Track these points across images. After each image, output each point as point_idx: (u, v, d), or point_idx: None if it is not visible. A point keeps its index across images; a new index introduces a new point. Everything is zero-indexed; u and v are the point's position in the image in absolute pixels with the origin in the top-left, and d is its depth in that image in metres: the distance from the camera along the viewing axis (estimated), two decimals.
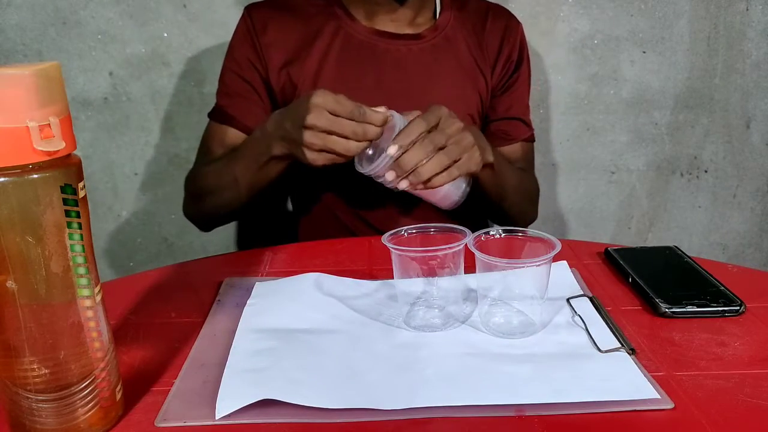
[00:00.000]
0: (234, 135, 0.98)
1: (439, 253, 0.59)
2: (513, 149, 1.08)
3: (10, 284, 0.43)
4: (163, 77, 1.34)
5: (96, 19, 1.29)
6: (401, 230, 0.64)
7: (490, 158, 0.85)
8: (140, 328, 0.64)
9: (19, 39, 1.29)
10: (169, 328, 0.64)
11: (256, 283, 0.71)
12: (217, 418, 0.49)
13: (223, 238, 1.47)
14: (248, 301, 0.67)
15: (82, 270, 0.45)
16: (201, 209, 0.99)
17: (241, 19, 1.01)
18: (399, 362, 0.56)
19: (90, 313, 0.46)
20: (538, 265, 0.58)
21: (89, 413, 0.47)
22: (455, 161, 0.77)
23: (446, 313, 0.63)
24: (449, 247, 0.59)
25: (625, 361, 0.55)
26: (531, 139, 1.11)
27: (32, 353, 0.45)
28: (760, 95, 1.44)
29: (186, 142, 1.38)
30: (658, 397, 0.50)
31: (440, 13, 1.04)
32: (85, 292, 0.46)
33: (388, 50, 0.99)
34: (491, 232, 0.63)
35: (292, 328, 0.62)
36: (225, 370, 0.55)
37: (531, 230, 0.63)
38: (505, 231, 0.64)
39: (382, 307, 0.66)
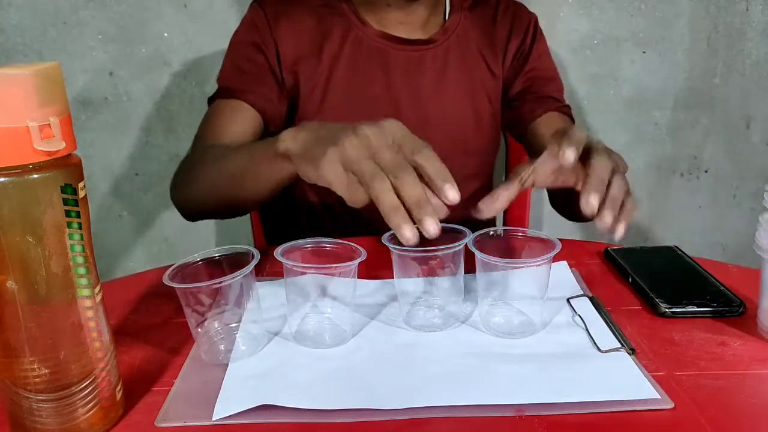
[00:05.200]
0: (246, 110, 0.91)
1: (439, 253, 0.59)
2: (559, 119, 1.00)
3: (10, 284, 0.43)
4: (164, 77, 1.34)
5: (96, 19, 1.29)
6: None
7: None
8: (140, 328, 0.64)
9: (19, 39, 1.29)
10: (169, 328, 0.64)
11: (256, 283, 0.71)
12: (213, 419, 0.49)
13: (224, 238, 1.47)
14: (248, 305, 0.67)
15: (82, 270, 0.45)
16: (190, 194, 0.88)
17: (251, 10, 0.98)
18: (399, 362, 0.56)
19: (90, 313, 0.46)
20: (538, 265, 0.58)
21: (89, 413, 0.47)
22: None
23: (446, 313, 0.63)
24: (449, 247, 0.59)
25: (625, 361, 0.55)
26: (565, 112, 1.03)
27: (32, 353, 0.44)
28: (760, 95, 1.44)
29: (187, 142, 1.37)
30: (658, 397, 0.50)
31: (450, 14, 1.01)
32: (85, 292, 0.46)
33: (398, 57, 0.97)
34: (491, 232, 0.63)
35: (293, 331, 0.62)
36: (226, 375, 0.55)
37: (531, 230, 0.63)
38: (505, 231, 0.64)
39: (382, 307, 0.66)
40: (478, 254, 0.58)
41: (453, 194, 0.54)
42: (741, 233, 1.54)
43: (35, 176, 0.42)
